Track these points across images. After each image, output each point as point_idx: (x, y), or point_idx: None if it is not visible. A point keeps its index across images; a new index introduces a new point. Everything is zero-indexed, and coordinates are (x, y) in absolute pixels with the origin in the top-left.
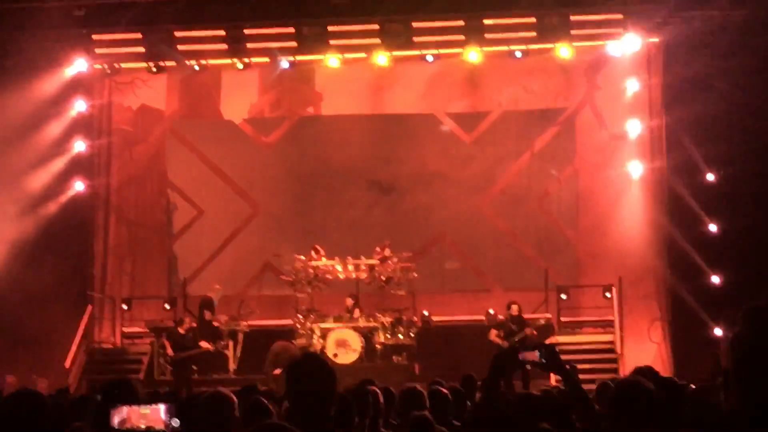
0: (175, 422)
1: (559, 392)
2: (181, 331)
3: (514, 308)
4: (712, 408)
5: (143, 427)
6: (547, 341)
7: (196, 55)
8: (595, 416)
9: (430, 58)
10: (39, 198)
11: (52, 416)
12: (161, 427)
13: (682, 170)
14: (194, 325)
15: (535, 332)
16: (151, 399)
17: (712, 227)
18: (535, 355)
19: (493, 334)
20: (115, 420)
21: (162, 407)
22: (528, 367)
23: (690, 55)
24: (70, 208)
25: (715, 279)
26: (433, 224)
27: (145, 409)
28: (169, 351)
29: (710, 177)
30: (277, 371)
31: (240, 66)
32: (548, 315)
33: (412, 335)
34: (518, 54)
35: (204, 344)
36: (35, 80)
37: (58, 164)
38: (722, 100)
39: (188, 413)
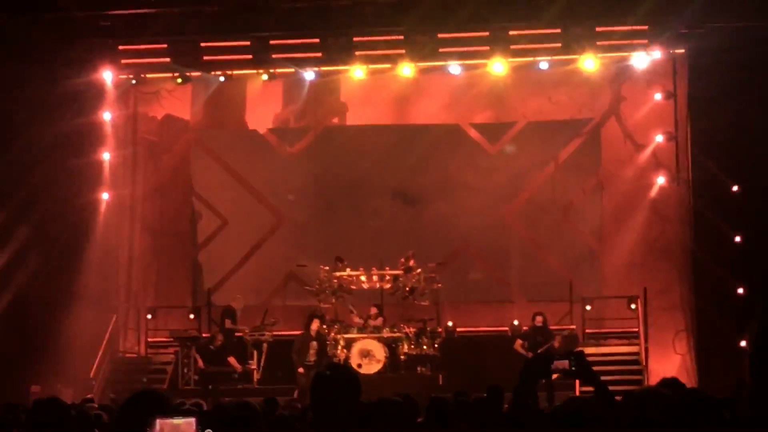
0: None
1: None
2: (212, 346)
3: (539, 319)
4: (734, 420)
5: None
6: None
7: (222, 65)
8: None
9: (455, 69)
10: (66, 208)
11: (76, 425)
12: None
13: (707, 181)
14: (220, 341)
15: (559, 343)
16: (181, 411)
17: (737, 239)
18: (565, 364)
19: (518, 345)
20: None
21: (193, 419)
22: (555, 376)
23: (715, 67)
24: (95, 218)
25: (740, 290)
26: (457, 234)
27: (178, 421)
28: (200, 363)
29: (735, 188)
30: (300, 370)
31: (265, 77)
32: (573, 326)
33: (436, 346)
34: (543, 65)
35: (233, 361)
36: (62, 89)
37: (85, 173)
38: (747, 111)
39: (215, 424)
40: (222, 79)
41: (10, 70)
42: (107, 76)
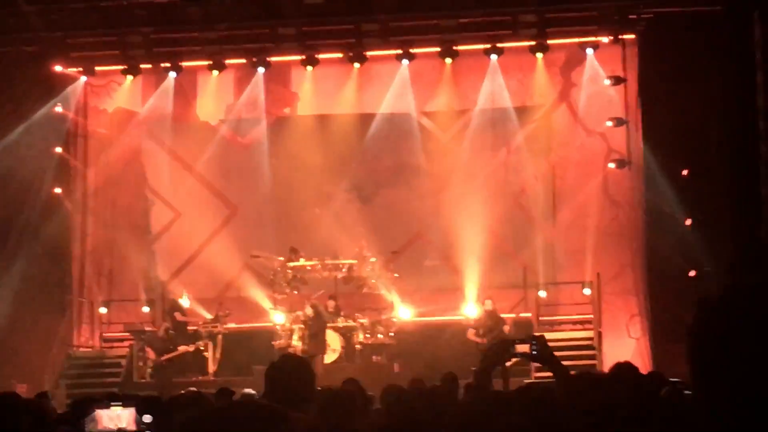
0: (147, 418)
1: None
2: (159, 334)
3: (488, 303)
4: (684, 406)
5: (115, 428)
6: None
7: (172, 57)
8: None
9: (405, 59)
10: (15, 203)
11: (32, 419)
12: (133, 427)
13: (658, 166)
14: (171, 332)
15: (511, 329)
16: (120, 401)
17: (687, 222)
18: (526, 348)
19: (471, 333)
20: (88, 426)
21: (132, 409)
22: (512, 361)
23: (665, 52)
24: (46, 212)
25: (692, 273)
26: (411, 222)
27: (116, 411)
28: (151, 355)
29: (684, 173)
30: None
31: (215, 73)
32: (528, 314)
33: (391, 335)
34: (494, 56)
35: (182, 348)
36: (11, 84)
37: (34, 168)
38: (696, 96)
39: (168, 415)
40: (173, 73)
41: None
42: (57, 69)
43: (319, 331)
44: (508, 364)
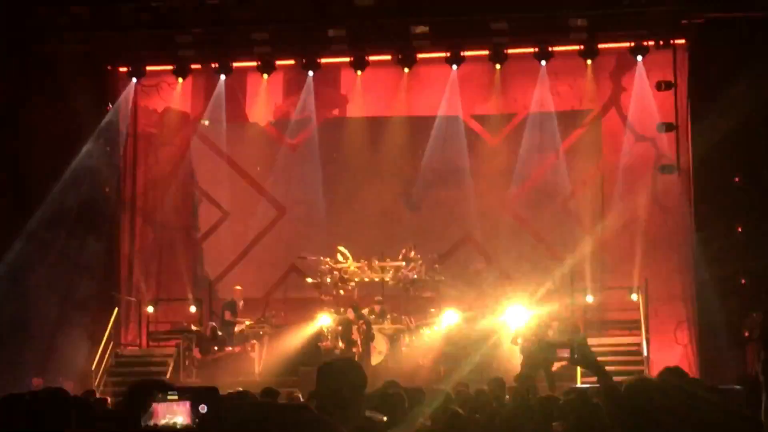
0: (203, 408)
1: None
2: (207, 334)
3: (534, 308)
4: (732, 413)
5: (171, 422)
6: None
7: (221, 58)
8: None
9: (455, 62)
10: (67, 201)
11: (77, 416)
12: (188, 420)
13: (708, 172)
14: (219, 332)
15: (556, 333)
16: (182, 394)
17: (739, 229)
18: (566, 352)
19: (515, 338)
20: (144, 419)
21: (188, 402)
22: (558, 365)
23: (715, 56)
24: (97, 211)
25: (743, 281)
26: (458, 225)
27: (173, 404)
28: (197, 354)
29: (736, 179)
30: None
31: (266, 76)
32: (573, 318)
33: (437, 338)
34: (543, 60)
35: (229, 348)
36: (62, 83)
37: (86, 167)
38: (747, 100)
39: (223, 408)
40: (223, 76)
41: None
42: (108, 68)
43: (369, 337)
44: (554, 368)
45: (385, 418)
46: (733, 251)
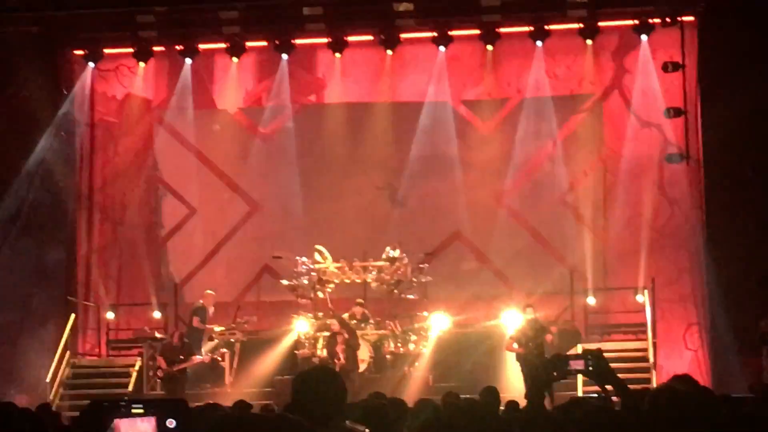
0: (171, 423)
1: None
2: (174, 343)
3: (530, 311)
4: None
5: None
6: (572, 349)
7: (187, 39)
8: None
9: (442, 43)
10: (16, 197)
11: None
12: None
13: (720, 160)
14: (186, 340)
15: (553, 338)
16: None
17: (753, 223)
18: (581, 364)
19: (510, 344)
20: None
21: (153, 418)
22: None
23: (727, 35)
24: (51, 208)
25: (757, 281)
26: (447, 220)
27: (137, 420)
28: (162, 365)
29: (750, 170)
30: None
31: (235, 59)
32: (573, 321)
33: (425, 343)
34: (538, 42)
35: (197, 358)
36: (12, 68)
37: (40, 161)
38: (762, 84)
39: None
40: (188, 59)
41: None
42: (62, 50)
43: (354, 346)
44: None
45: (367, 430)
46: (746, 249)
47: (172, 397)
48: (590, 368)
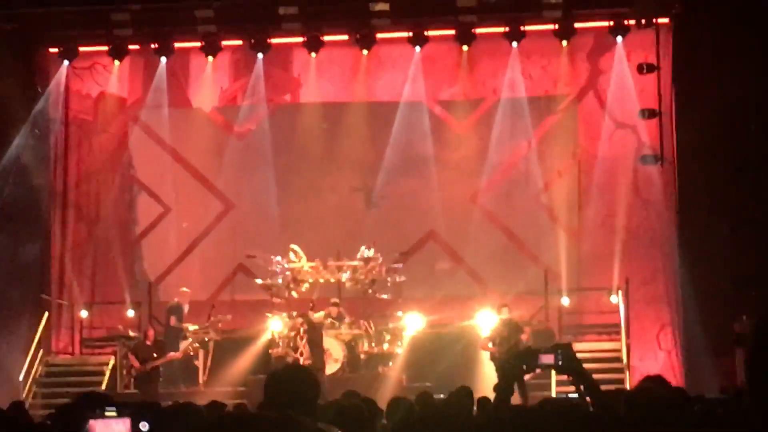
0: (144, 426)
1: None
2: (147, 342)
3: (505, 311)
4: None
5: None
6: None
7: (162, 37)
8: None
9: (418, 43)
10: None
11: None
12: None
13: (695, 162)
14: (160, 338)
15: (529, 338)
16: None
17: (726, 225)
18: (551, 358)
19: (485, 344)
20: None
21: (128, 419)
22: (538, 371)
23: (702, 36)
24: (24, 206)
25: (730, 283)
26: (422, 220)
27: (111, 423)
28: (135, 363)
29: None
30: None
31: (210, 58)
32: (547, 322)
33: (400, 343)
34: (514, 42)
35: (169, 354)
36: None
37: (13, 158)
38: (738, 85)
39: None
40: (163, 59)
41: None
42: (36, 48)
43: (317, 343)
44: (527, 377)
45: None
46: (720, 250)
47: (145, 395)
48: (560, 362)
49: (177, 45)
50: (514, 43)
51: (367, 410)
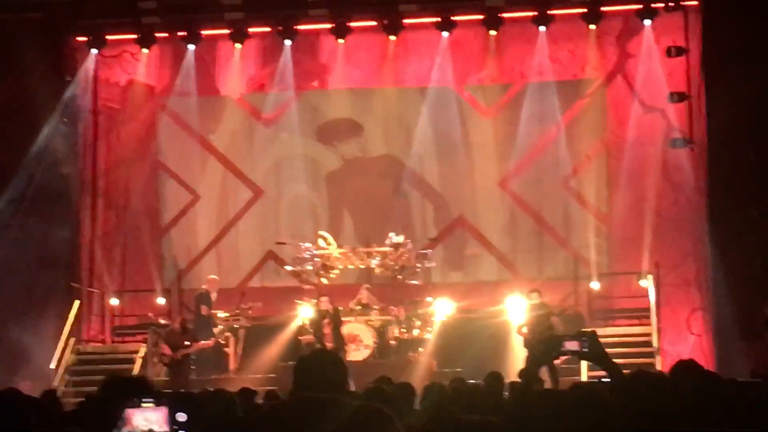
0: (181, 416)
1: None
2: (178, 330)
3: (535, 296)
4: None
5: (146, 429)
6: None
7: (190, 25)
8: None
9: (445, 29)
10: (20, 184)
11: (37, 419)
12: (165, 428)
13: (724, 145)
14: (191, 326)
15: (558, 322)
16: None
17: (756, 210)
18: (576, 345)
19: (519, 329)
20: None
21: (165, 408)
22: (562, 358)
23: (731, 19)
24: (53, 195)
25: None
26: (451, 206)
27: (148, 412)
28: (167, 351)
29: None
30: None
31: (238, 45)
32: (577, 307)
33: (430, 329)
34: (542, 27)
35: (201, 343)
36: (14, 56)
37: (43, 147)
38: (766, 65)
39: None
40: (191, 45)
41: None
42: (65, 37)
43: (336, 327)
44: (557, 362)
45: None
46: (750, 234)
47: (176, 383)
48: (585, 349)
49: (204, 33)
50: (542, 28)
51: (398, 395)
